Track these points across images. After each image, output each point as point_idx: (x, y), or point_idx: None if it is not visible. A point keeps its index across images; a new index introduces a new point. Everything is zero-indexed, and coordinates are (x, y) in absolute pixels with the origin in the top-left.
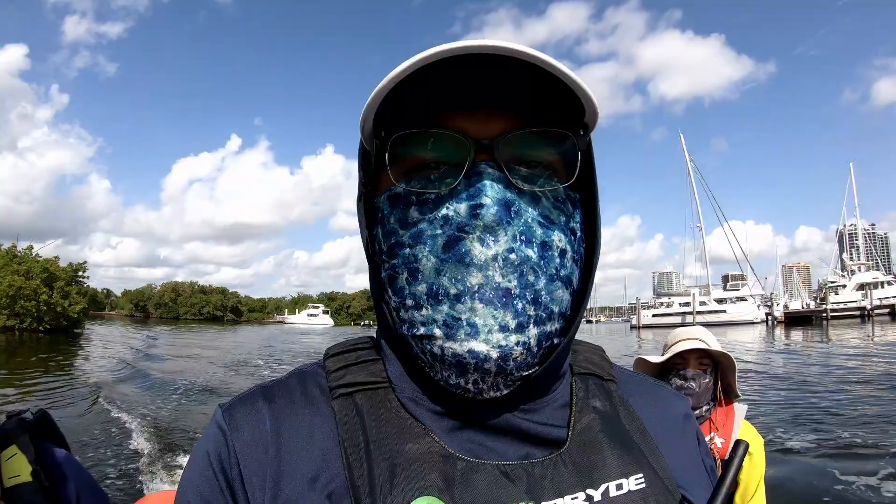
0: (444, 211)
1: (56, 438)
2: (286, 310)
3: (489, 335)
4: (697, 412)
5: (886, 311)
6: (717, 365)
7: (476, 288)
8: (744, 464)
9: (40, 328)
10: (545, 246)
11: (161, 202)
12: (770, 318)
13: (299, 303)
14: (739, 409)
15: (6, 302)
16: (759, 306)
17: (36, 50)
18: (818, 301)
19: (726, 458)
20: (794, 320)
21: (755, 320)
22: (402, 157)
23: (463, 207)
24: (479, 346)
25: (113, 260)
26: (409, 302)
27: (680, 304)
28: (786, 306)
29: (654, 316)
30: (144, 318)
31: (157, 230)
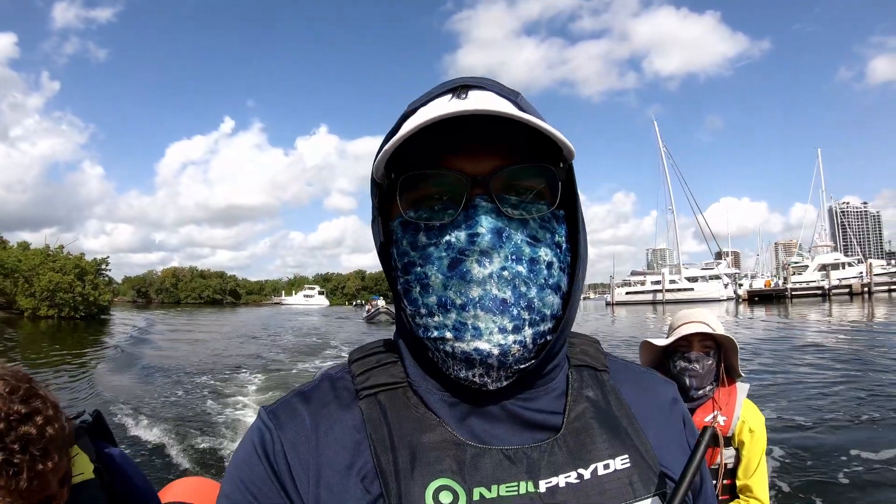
0: (447, 237)
1: (108, 436)
2: (283, 291)
3: (490, 336)
4: (701, 392)
5: (846, 290)
6: (720, 347)
7: (477, 299)
8: (746, 440)
9: (76, 316)
10: (533, 261)
11: (155, 187)
12: (736, 296)
13: (295, 284)
14: (741, 388)
15: (47, 294)
16: (726, 285)
17: (25, 38)
18: (783, 280)
19: (697, 437)
20: (757, 298)
21: (721, 298)
22: (410, 190)
23: (462, 235)
24: (483, 345)
25: (108, 246)
26: (423, 310)
27: (652, 283)
28: (750, 285)
29: (627, 293)
30: (146, 303)
31: (152, 215)
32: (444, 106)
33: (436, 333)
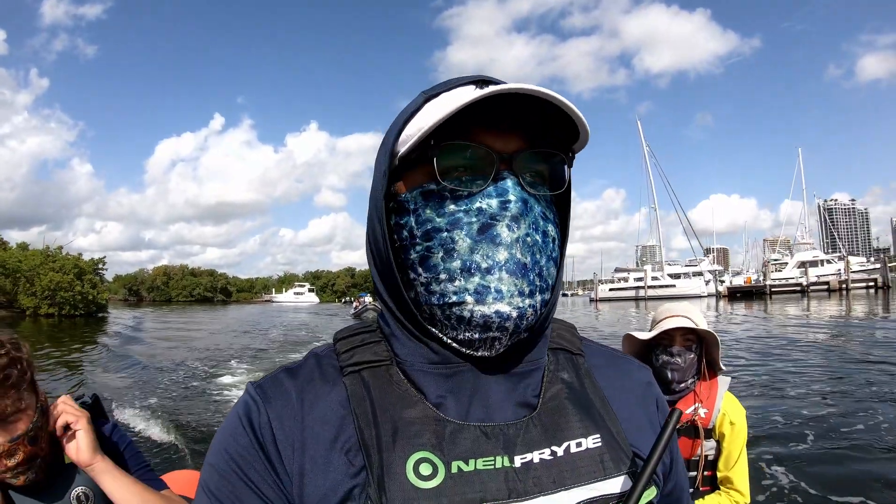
0: (477, 204)
1: (103, 415)
2: (273, 289)
3: (512, 298)
4: (683, 385)
5: (824, 287)
6: (702, 341)
7: (503, 262)
8: (727, 432)
9: (76, 314)
10: (545, 234)
11: (144, 184)
12: (716, 292)
13: (286, 282)
14: (723, 381)
15: (48, 293)
16: (707, 282)
17: (13, 34)
18: (763, 277)
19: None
20: (736, 295)
21: (703, 294)
22: (437, 161)
23: (494, 202)
24: (504, 308)
25: (97, 244)
26: (443, 276)
27: (635, 280)
28: (730, 282)
29: (610, 290)
30: (138, 301)
31: (141, 212)
32: (476, 92)
33: (454, 298)
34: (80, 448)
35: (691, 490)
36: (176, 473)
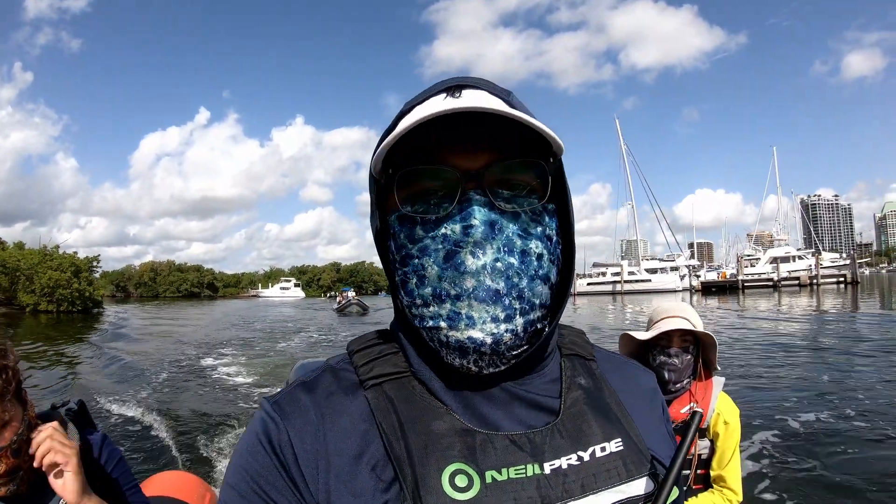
0: (442, 230)
1: (90, 425)
2: (259, 284)
3: (483, 325)
4: (679, 385)
5: (795, 282)
6: (699, 342)
7: (471, 290)
8: (720, 432)
9: (73, 310)
10: (524, 253)
11: (129, 179)
12: (690, 287)
13: (272, 276)
14: (717, 381)
15: (47, 291)
16: (683, 276)
17: None
18: (737, 272)
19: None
20: (709, 289)
21: (677, 289)
22: (406, 185)
23: (457, 227)
24: (476, 334)
25: (82, 240)
26: (419, 301)
27: (612, 274)
28: (704, 276)
29: (588, 284)
30: (125, 297)
31: (126, 208)
32: (439, 104)
33: (431, 323)
34: (66, 489)
35: (685, 488)
36: (164, 474)
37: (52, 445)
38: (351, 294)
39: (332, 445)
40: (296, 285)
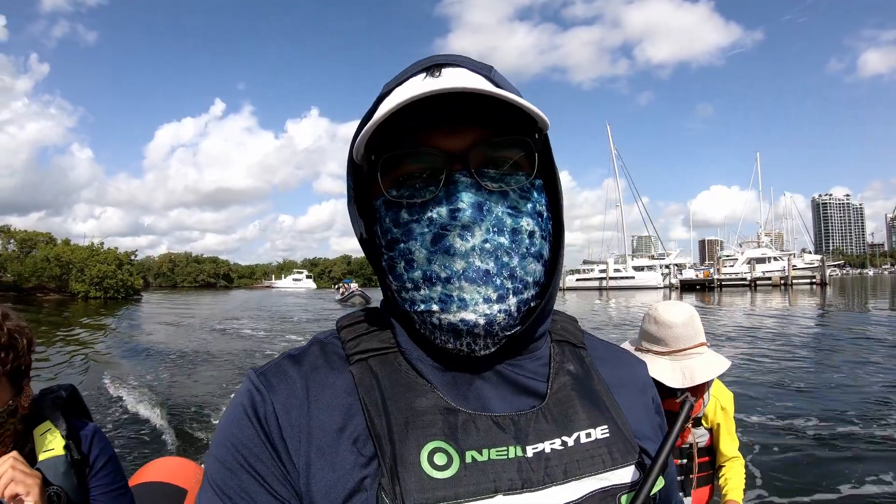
0: (429, 213)
1: (83, 411)
2: (273, 275)
3: (476, 306)
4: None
5: (768, 282)
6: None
7: (461, 272)
8: (720, 419)
9: (118, 297)
10: (515, 231)
11: (144, 170)
12: (670, 284)
13: (285, 268)
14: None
15: (96, 280)
16: (665, 275)
17: (13, 20)
18: (717, 271)
19: (678, 410)
20: (689, 287)
21: (659, 286)
22: (391, 170)
23: (444, 211)
24: (469, 316)
25: (97, 230)
26: (409, 285)
27: (599, 271)
28: (681, 273)
29: (577, 280)
30: (145, 286)
31: (141, 198)
32: (419, 85)
33: (422, 307)
34: None
35: (690, 477)
36: (162, 460)
37: (14, 476)
38: (354, 285)
39: (315, 419)
40: (307, 277)
